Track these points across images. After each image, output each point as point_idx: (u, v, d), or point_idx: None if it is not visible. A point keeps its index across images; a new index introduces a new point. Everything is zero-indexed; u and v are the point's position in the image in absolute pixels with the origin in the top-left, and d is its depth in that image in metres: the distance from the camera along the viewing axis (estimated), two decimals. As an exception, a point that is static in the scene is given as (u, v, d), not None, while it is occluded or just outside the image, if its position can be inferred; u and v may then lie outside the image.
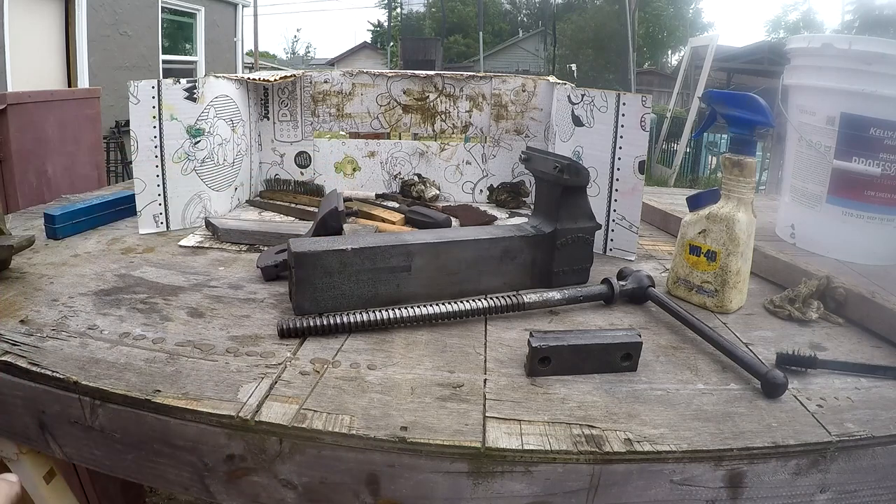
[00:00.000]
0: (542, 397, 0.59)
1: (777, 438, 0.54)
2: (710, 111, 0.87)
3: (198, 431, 0.54)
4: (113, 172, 5.30)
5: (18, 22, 5.12)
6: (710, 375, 0.65)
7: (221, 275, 0.87)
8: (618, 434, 0.54)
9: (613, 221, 1.01)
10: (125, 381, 0.58)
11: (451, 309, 0.72)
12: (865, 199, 1.03)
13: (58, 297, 0.76)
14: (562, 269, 0.85)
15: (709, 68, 6.62)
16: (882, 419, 0.57)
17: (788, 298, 0.82)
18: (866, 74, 0.98)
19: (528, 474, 0.52)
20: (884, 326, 0.75)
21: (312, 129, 1.33)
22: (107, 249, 0.95)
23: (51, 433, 0.60)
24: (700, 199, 0.84)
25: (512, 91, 1.30)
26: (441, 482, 0.52)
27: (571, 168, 0.81)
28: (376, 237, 0.79)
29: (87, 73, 6.00)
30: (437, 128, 1.34)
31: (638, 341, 0.64)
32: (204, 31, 8.36)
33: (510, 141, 1.33)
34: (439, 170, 1.35)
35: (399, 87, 1.31)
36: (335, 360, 0.64)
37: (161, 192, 1.04)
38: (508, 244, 0.83)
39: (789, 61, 1.16)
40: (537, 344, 0.62)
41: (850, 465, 0.55)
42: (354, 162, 1.35)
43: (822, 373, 0.66)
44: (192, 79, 1.05)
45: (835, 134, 1.04)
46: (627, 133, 0.96)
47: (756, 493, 0.54)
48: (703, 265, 0.82)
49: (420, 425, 0.54)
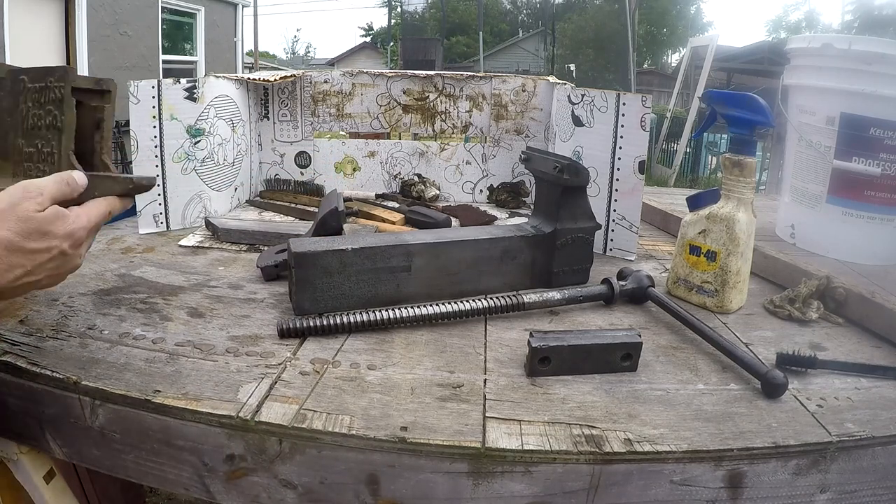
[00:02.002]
0: (542, 397, 0.59)
1: (777, 438, 0.54)
2: (710, 111, 0.87)
3: (198, 431, 0.54)
4: (113, 172, 5.30)
5: (18, 22, 5.12)
6: (710, 375, 0.65)
7: (221, 275, 0.87)
8: (618, 434, 0.54)
9: (613, 221, 1.01)
10: (125, 381, 0.58)
11: (451, 309, 0.72)
12: (865, 199, 1.03)
13: (58, 296, 0.76)
14: (562, 269, 0.85)
15: (709, 68, 6.62)
16: (882, 419, 0.57)
17: (788, 298, 0.82)
18: (866, 74, 0.98)
19: (528, 474, 0.52)
20: (884, 326, 0.75)
21: (312, 129, 1.33)
22: (107, 249, 0.95)
23: (51, 433, 0.60)
24: (700, 199, 0.84)
25: (512, 91, 1.31)
26: (441, 482, 0.52)
27: (571, 168, 0.81)
28: (376, 237, 0.79)
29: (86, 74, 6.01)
30: (437, 128, 1.34)
31: (638, 341, 0.64)
32: (204, 31, 8.36)
33: (510, 141, 1.33)
34: (439, 170, 1.35)
35: (399, 87, 1.31)
36: (335, 360, 0.64)
37: (161, 191, 1.04)
38: (508, 244, 0.83)
39: (789, 61, 1.16)
40: (537, 344, 0.62)
41: (850, 465, 0.55)
42: (354, 162, 1.35)
43: (822, 373, 0.66)
44: (192, 79, 1.04)
45: (835, 134, 1.04)
46: (627, 133, 0.96)
47: (756, 494, 0.54)
48: (703, 265, 0.82)
49: (420, 425, 0.54)
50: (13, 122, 0.68)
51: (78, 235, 0.57)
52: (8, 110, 0.69)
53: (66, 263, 0.58)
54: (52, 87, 0.65)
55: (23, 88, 0.67)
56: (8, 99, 0.68)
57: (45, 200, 0.55)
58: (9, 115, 0.68)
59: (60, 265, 0.57)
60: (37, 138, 0.67)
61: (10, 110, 0.68)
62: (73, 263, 0.59)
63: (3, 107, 0.69)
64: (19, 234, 0.53)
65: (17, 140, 0.68)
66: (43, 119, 0.66)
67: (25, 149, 0.67)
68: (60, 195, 0.57)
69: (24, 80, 0.67)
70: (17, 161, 0.68)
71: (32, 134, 0.67)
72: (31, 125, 0.67)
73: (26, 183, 0.56)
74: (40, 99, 0.66)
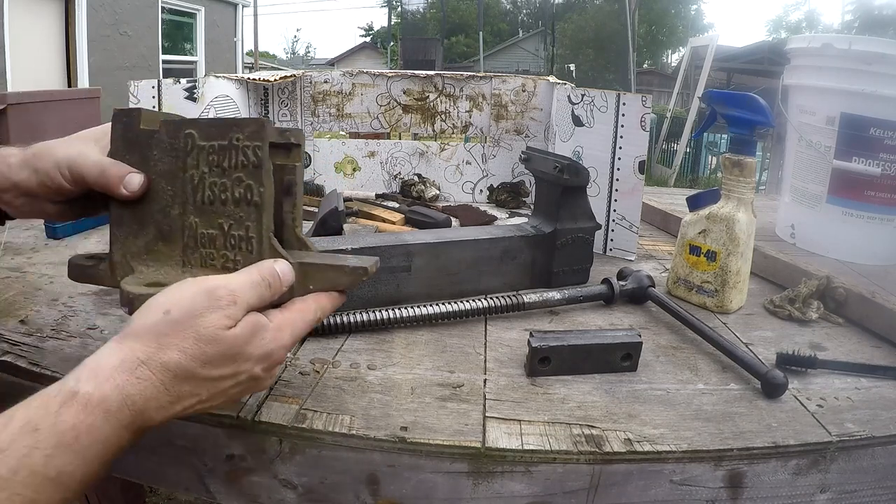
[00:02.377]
0: (542, 397, 0.59)
1: (777, 438, 0.54)
2: (710, 111, 0.87)
3: (198, 431, 0.54)
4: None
5: (18, 22, 5.12)
6: (710, 375, 0.65)
7: (221, 275, 0.87)
8: (618, 434, 0.54)
9: (613, 221, 1.01)
10: (125, 381, 0.58)
11: (451, 309, 0.72)
12: (865, 199, 1.03)
13: (58, 296, 0.76)
14: (562, 269, 0.85)
15: (709, 68, 6.62)
16: (882, 419, 0.57)
17: (788, 298, 0.82)
18: (866, 74, 0.98)
19: (528, 474, 0.52)
20: (884, 326, 0.75)
21: (312, 129, 1.33)
22: (107, 249, 0.95)
23: (51, 433, 0.60)
24: (700, 199, 0.84)
25: (512, 91, 1.31)
26: (441, 482, 0.52)
27: (571, 168, 0.81)
28: (376, 237, 0.79)
29: (87, 74, 6.01)
30: (437, 128, 1.34)
31: (638, 341, 0.64)
32: (204, 31, 8.36)
33: (510, 141, 1.33)
34: (439, 170, 1.35)
35: (399, 87, 1.31)
36: (335, 360, 0.64)
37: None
38: (508, 244, 0.83)
39: (789, 61, 1.16)
40: (537, 344, 0.62)
41: (850, 465, 0.55)
42: (354, 162, 1.35)
43: (822, 373, 0.66)
44: (192, 79, 1.05)
45: (835, 134, 1.04)
46: (627, 133, 0.96)
47: (756, 493, 0.54)
48: (703, 265, 0.82)
49: (420, 425, 0.54)
50: (177, 193, 0.51)
51: (276, 357, 0.45)
52: (167, 176, 0.51)
53: (252, 388, 0.45)
54: (241, 146, 0.49)
55: (191, 148, 0.50)
56: (166, 161, 0.51)
57: (239, 311, 0.42)
58: (168, 183, 0.51)
59: (245, 390, 0.45)
60: (220, 216, 0.50)
61: (169, 176, 0.51)
62: (262, 386, 0.46)
63: (157, 171, 0.51)
64: (197, 359, 0.40)
65: (188, 218, 0.51)
66: (229, 191, 0.50)
67: (202, 230, 0.51)
68: (259, 301, 0.44)
69: (191, 137, 0.50)
70: (190, 246, 0.51)
71: (212, 210, 0.50)
72: (209, 198, 0.50)
73: (212, 286, 0.43)
74: (222, 162, 0.50)
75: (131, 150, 0.52)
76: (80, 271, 0.56)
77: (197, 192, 0.51)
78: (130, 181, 0.50)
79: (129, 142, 0.52)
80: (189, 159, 0.50)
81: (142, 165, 0.52)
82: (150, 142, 0.51)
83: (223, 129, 0.50)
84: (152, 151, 0.52)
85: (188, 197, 0.51)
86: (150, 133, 0.51)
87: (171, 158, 0.51)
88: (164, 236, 0.52)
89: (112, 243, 0.54)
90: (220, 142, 0.50)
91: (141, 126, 0.52)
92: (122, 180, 0.50)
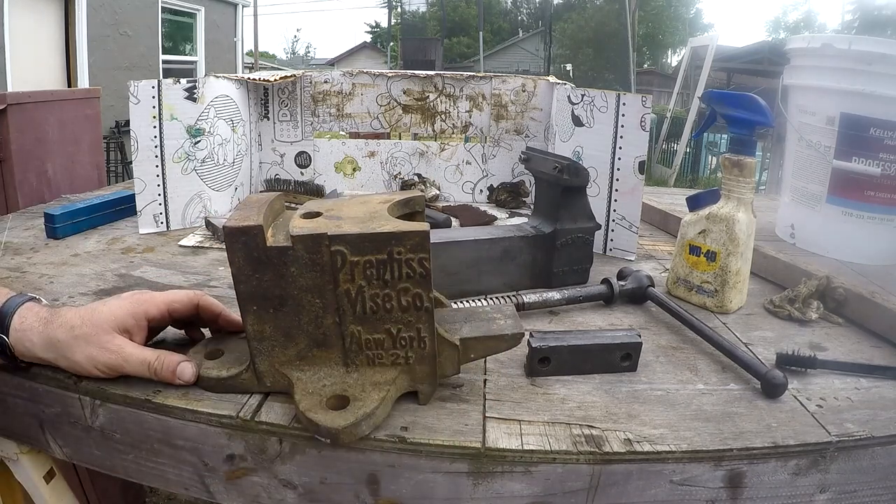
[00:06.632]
0: (542, 397, 0.59)
1: (777, 438, 0.54)
2: (710, 111, 0.87)
3: (198, 431, 0.54)
4: (113, 172, 5.31)
5: (18, 22, 5.12)
6: (710, 375, 0.65)
7: (221, 275, 0.87)
8: (618, 434, 0.54)
9: (613, 221, 1.01)
10: (125, 380, 0.58)
11: (451, 309, 0.72)
12: (865, 199, 1.03)
13: (58, 296, 0.76)
14: (562, 270, 0.85)
15: (709, 68, 6.62)
16: (882, 419, 0.58)
17: (788, 298, 0.82)
18: (866, 74, 0.98)
19: (528, 474, 0.52)
20: (884, 326, 0.75)
21: (312, 129, 1.33)
22: (107, 249, 0.95)
23: (51, 433, 0.60)
24: (700, 199, 0.84)
25: (512, 91, 1.31)
26: (441, 482, 0.52)
27: (571, 168, 0.81)
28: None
29: (87, 73, 6.00)
30: (437, 128, 1.34)
31: (638, 341, 0.64)
32: (204, 31, 8.36)
33: (510, 141, 1.33)
34: (439, 170, 1.35)
35: (399, 87, 1.31)
36: (335, 360, 0.64)
37: (161, 191, 1.04)
38: (508, 244, 0.83)
39: (789, 61, 1.16)
40: (537, 344, 0.62)
41: (850, 465, 0.55)
42: (354, 162, 1.35)
43: (822, 373, 0.66)
44: (192, 79, 1.05)
45: (835, 134, 1.04)
46: (627, 133, 0.96)
47: (756, 494, 0.54)
48: (702, 265, 0.82)
49: (420, 425, 0.54)
50: (327, 304, 0.51)
51: None
52: (313, 290, 0.51)
53: None
54: (404, 259, 0.48)
55: (342, 264, 0.49)
56: (309, 276, 0.50)
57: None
58: (316, 297, 0.51)
59: None
60: (387, 323, 0.51)
61: (317, 291, 0.51)
62: None
63: (300, 286, 0.50)
64: None
65: (348, 327, 0.52)
66: (394, 300, 0.50)
67: (367, 336, 0.52)
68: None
69: (342, 254, 0.49)
70: (353, 350, 0.53)
71: (376, 318, 0.51)
72: (372, 308, 0.51)
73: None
74: (383, 276, 0.49)
75: (261, 269, 0.50)
76: (218, 383, 0.56)
77: (356, 305, 0.51)
78: (183, 372, 0.56)
79: (257, 262, 0.50)
80: (341, 275, 0.49)
81: (278, 283, 0.50)
82: (285, 259, 0.49)
83: (379, 244, 0.48)
84: (289, 269, 0.50)
85: (345, 308, 0.51)
86: (282, 250, 0.49)
87: (316, 274, 0.50)
88: (318, 343, 0.53)
89: (255, 356, 0.54)
90: (377, 256, 0.48)
91: (269, 244, 0.49)
92: (174, 374, 0.56)
